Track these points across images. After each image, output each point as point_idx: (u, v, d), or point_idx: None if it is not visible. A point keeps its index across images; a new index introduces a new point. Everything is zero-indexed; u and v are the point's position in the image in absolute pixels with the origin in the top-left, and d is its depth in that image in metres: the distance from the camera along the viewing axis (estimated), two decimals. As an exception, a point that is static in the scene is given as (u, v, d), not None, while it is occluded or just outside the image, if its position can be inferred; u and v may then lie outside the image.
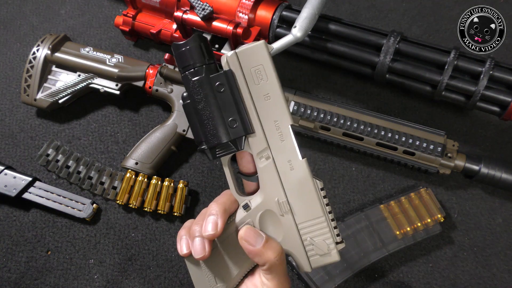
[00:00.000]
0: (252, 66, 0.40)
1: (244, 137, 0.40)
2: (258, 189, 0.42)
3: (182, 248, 0.43)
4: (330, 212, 0.41)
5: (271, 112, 0.40)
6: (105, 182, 0.73)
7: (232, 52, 0.39)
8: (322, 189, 0.41)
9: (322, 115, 0.68)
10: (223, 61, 0.40)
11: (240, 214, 0.42)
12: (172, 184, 0.71)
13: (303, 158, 0.40)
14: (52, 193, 0.72)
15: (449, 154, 0.67)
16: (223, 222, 0.41)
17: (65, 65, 0.76)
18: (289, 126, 0.40)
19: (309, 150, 0.75)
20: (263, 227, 0.42)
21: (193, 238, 0.42)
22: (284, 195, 0.41)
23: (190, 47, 0.39)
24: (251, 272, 0.44)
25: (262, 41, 0.39)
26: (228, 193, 0.44)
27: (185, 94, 0.41)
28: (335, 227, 0.41)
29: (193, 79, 0.39)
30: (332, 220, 0.41)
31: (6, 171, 0.72)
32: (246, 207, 0.42)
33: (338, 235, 0.41)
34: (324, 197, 0.41)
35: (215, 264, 0.43)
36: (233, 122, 0.40)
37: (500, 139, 0.74)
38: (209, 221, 0.41)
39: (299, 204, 0.41)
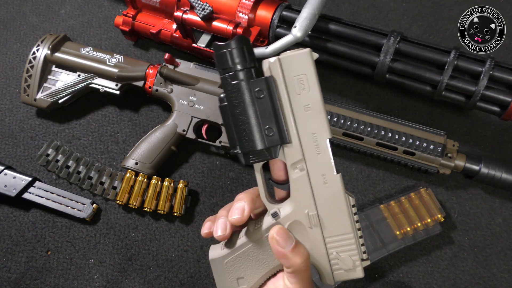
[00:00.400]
0: (295, 75, 0.38)
1: (279, 146, 0.40)
2: (287, 196, 0.42)
3: (204, 228, 0.44)
4: (359, 229, 0.40)
5: (310, 123, 0.39)
6: (105, 182, 0.73)
7: (275, 58, 0.38)
8: (353, 206, 0.40)
9: (322, 115, 0.68)
10: (265, 66, 0.39)
11: (268, 221, 0.42)
12: (172, 184, 0.71)
13: (338, 173, 0.40)
14: (52, 193, 0.72)
15: (449, 154, 0.67)
16: (250, 210, 0.41)
17: (65, 65, 0.76)
18: (327, 140, 0.39)
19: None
20: None
21: (218, 219, 0.43)
22: (314, 208, 0.40)
23: (232, 49, 0.38)
24: (274, 275, 0.44)
25: (307, 49, 0.38)
26: (256, 189, 0.44)
27: (222, 95, 0.40)
28: (362, 244, 0.40)
29: (232, 82, 0.38)
30: (360, 237, 0.40)
31: (6, 171, 0.72)
32: (275, 215, 0.41)
33: (364, 252, 0.41)
34: (355, 213, 0.40)
35: (238, 268, 0.43)
36: (269, 130, 0.39)
37: (500, 139, 0.74)
38: (236, 207, 0.41)
39: (329, 219, 0.40)
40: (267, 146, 0.39)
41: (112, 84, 0.75)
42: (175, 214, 0.71)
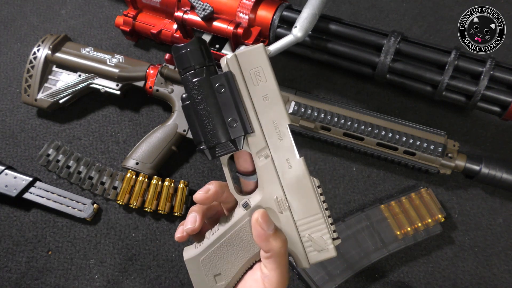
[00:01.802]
0: (251, 68, 0.41)
1: (243, 136, 0.41)
2: (256, 188, 0.43)
3: (177, 233, 0.44)
4: (326, 209, 0.42)
5: (270, 112, 0.41)
6: (106, 182, 0.73)
7: (232, 54, 0.41)
8: (318, 187, 0.42)
9: (322, 115, 0.68)
10: (223, 63, 0.41)
11: (240, 212, 0.43)
12: (172, 184, 0.71)
13: (300, 157, 0.41)
14: (53, 193, 0.72)
15: (449, 154, 0.67)
16: (215, 191, 0.42)
17: (66, 65, 0.76)
18: (287, 126, 0.41)
19: (309, 150, 0.75)
20: None
21: (187, 215, 0.44)
22: (282, 193, 0.42)
23: (191, 49, 0.40)
24: (250, 268, 0.44)
25: (260, 44, 0.41)
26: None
27: (184, 95, 0.41)
28: (331, 223, 0.42)
29: (193, 80, 0.40)
30: (329, 216, 0.42)
31: (6, 171, 0.72)
32: (246, 205, 0.43)
33: (334, 231, 0.42)
34: (321, 194, 0.42)
35: (214, 264, 0.44)
36: (233, 122, 0.41)
37: (501, 139, 0.74)
38: (202, 188, 0.43)
39: (297, 202, 0.42)
40: (232, 138, 0.41)
41: (112, 84, 0.75)
42: (176, 214, 0.71)
